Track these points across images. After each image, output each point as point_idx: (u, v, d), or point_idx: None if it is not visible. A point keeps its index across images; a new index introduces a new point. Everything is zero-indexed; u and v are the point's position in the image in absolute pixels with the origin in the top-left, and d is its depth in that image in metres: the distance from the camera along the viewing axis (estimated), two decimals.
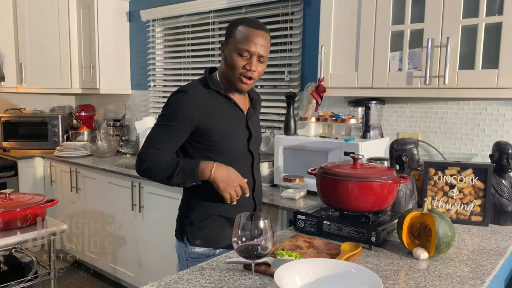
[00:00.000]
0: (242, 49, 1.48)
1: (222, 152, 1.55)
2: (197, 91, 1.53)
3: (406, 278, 1.21)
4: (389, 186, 1.48)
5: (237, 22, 1.53)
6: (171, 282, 1.16)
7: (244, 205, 1.60)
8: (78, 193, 3.41)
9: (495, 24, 1.77)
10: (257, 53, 1.50)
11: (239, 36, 1.48)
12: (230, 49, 1.51)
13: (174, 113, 1.50)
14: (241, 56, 1.49)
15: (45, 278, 1.86)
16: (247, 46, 1.48)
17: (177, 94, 1.53)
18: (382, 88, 2.06)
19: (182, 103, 1.50)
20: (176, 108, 1.51)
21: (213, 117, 1.52)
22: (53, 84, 3.84)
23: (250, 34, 1.48)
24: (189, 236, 1.59)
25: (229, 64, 1.52)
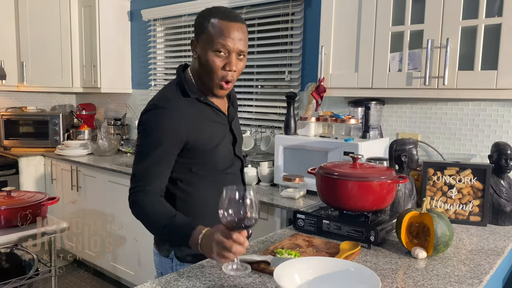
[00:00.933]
0: (218, 46, 1.27)
1: (209, 164, 1.39)
2: (177, 104, 1.33)
3: (405, 277, 1.22)
4: (388, 186, 1.49)
5: (207, 14, 1.30)
6: (171, 280, 1.17)
7: None
8: (79, 192, 3.43)
9: (495, 26, 1.78)
10: (236, 49, 1.28)
11: (213, 31, 1.27)
12: (203, 47, 1.29)
13: (159, 136, 1.29)
14: (218, 54, 1.28)
15: (45, 275, 1.87)
16: (224, 41, 1.26)
17: (155, 112, 1.30)
18: (382, 88, 2.07)
19: (166, 123, 1.29)
20: (159, 129, 1.29)
21: (200, 130, 1.34)
22: (54, 83, 3.86)
23: (225, 27, 1.27)
24: (178, 252, 1.41)
25: (204, 65, 1.31)
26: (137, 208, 1.31)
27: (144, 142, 1.32)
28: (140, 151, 1.33)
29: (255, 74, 3.06)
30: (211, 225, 1.38)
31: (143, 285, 1.14)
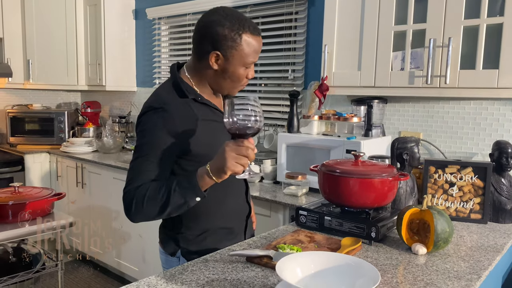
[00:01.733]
0: (249, 62, 1.30)
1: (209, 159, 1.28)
2: (173, 105, 1.30)
3: (405, 272, 1.24)
4: (389, 183, 1.51)
5: (238, 28, 1.26)
6: (176, 273, 1.20)
7: (239, 211, 1.53)
8: (84, 189, 3.46)
9: (496, 25, 1.79)
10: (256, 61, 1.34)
11: (248, 50, 1.28)
12: (233, 62, 1.28)
13: (156, 137, 1.26)
14: (246, 69, 1.32)
15: (52, 270, 1.90)
16: (254, 58, 1.30)
17: (151, 113, 1.28)
18: (385, 87, 2.09)
19: (161, 125, 1.26)
20: (156, 130, 1.26)
21: (198, 130, 1.32)
22: (60, 81, 3.90)
23: (256, 45, 1.30)
24: (185, 252, 1.41)
25: (229, 77, 1.31)
26: (130, 203, 1.24)
27: (141, 143, 1.28)
28: (136, 152, 1.29)
29: (258, 72, 3.08)
30: (215, 226, 1.43)
31: (148, 278, 1.17)
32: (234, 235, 1.50)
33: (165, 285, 1.12)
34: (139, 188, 1.23)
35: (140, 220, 1.27)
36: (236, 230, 1.51)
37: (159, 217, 1.27)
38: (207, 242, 1.42)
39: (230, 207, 1.47)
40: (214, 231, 1.44)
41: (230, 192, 1.47)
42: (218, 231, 1.45)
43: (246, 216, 1.56)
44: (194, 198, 1.21)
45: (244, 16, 1.31)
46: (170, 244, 1.44)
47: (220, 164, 1.14)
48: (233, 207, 1.49)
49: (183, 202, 1.21)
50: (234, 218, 1.51)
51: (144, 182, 1.24)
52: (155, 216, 1.26)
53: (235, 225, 1.51)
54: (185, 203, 1.22)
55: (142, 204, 1.22)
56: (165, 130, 1.26)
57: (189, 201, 1.21)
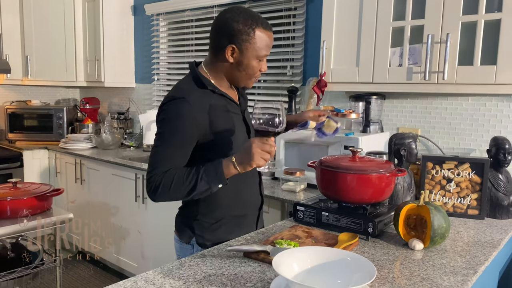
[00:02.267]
0: (262, 55, 1.40)
1: (224, 152, 1.42)
2: (194, 94, 1.39)
3: (401, 267, 1.24)
4: (386, 179, 1.52)
5: (251, 23, 1.36)
6: (173, 268, 1.20)
7: (253, 202, 1.60)
8: (83, 185, 3.47)
9: (494, 21, 1.79)
10: (268, 55, 1.45)
11: (261, 43, 1.38)
12: (248, 55, 1.39)
13: (178, 124, 1.35)
14: (259, 61, 1.42)
15: (50, 265, 1.91)
16: (267, 51, 1.41)
17: (173, 103, 1.37)
18: (383, 83, 2.09)
19: (184, 111, 1.35)
20: (178, 118, 1.35)
21: (218, 120, 1.41)
22: (58, 77, 3.89)
23: (268, 39, 1.40)
24: (200, 239, 1.49)
25: (244, 69, 1.41)
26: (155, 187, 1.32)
27: (164, 131, 1.37)
28: (159, 139, 1.37)
29: None
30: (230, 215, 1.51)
31: (145, 273, 1.17)
32: (246, 226, 1.57)
33: (162, 280, 1.12)
34: (166, 173, 1.32)
35: (163, 201, 1.37)
36: (248, 221, 1.59)
37: (181, 199, 1.40)
38: (221, 231, 1.50)
39: (245, 198, 1.56)
40: (228, 220, 1.52)
41: (246, 184, 1.56)
42: (232, 220, 1.53)
43: (258, 208, 1.63)
44: (217, 185, 1.33)
45: (257, 14, 1.42)
46: (186, 231, 1.52)
47: (247, 158, 1.27)
48: (247, 197, 1.57)
49: (207, 188, 1.33)
50: (248, 208, 1.59)
51: (169, 167, 1.33)
52: (178, 199, 1.39)
53: (248, 216, 1.59)
54: (209, 189, 1.33)
55: (169, 188, 1.32)
56: (186, 118, 1.35)
57: (212, 187, 1.33)
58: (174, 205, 2.78)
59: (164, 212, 2.82)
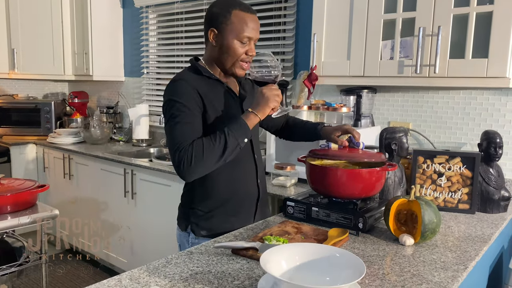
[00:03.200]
0: (243, 36, 1.43)
1: None
2: (191, 78, 1.47)
3: (391, 263, 1.23)
4: (377, 174, 1.50)
5: (226, 5, 1.44)
6: (159, 266, 1.18)
7: (249, 193, 1.59)
8: (71, 180, 3.42)
9: (486, 13, 1.77)
10: (255, 38, 1.47)
11: (238, 23, 1.42)
12: (227, 36, 1.43)
13: (182, 103, 1.40)
14: (242, 43, 1.44)
15: (36, 263, 1.87)
16: (248, 33, 1.43)
17: (172, 85, 1.45)
18: (374, 76, 2.07)
19: (186, 91, 1.42)
20: (181, 96, 1.41)
21: (212, 102, 1.46)
22: (46, 70, 3.82)
23: (247, 19, 1.43)
24: (194, 226, 1.54)
25: (227, 52, 1.45)
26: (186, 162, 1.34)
27: (172, 112, 1.41)
28: (170, 120, 1.41)
29: None
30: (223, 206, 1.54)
31: (130, 271, 1.14)
32: (242, 218, 1.57)
33: (148, 279, 1.10)
34: (192, 144, 1.35)
35: (198, 173, 1.39)
36: (245, 213, 1.59)
37: (217, 165, 1.39)
38: (215, 220, 1.53)
39: (240, 188, 1.56)
40: (222, 210, 1.54)
41: (241, 174, 1.56)
42: (226, 210, 1.54)
43: (256, 200, 1.61)
44: (243, 139, 1.40)
45: (240, 1, 1.48)
46: (183, 219, 1.58)
47: (263, 102, 1.40)
48: (242, 188, 1.57)
49: (237, 144, 1.38)
50: (243, 199, 1.58)
51: (189, 141, 1.37)
52: (213, 164, 1.38)
53: (244, 207, 1.59)
54: (238, 145, 1.39)
55: (202, 155, 1.35)
56: (187, 93, 1.42)
57: (240, 142, 1.39)
58: (162, 200, 2.76)
59: (153, 207, 2.78)
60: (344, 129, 1.59)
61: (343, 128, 1.59)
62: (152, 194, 2.78)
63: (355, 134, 1.56)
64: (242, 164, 1.56)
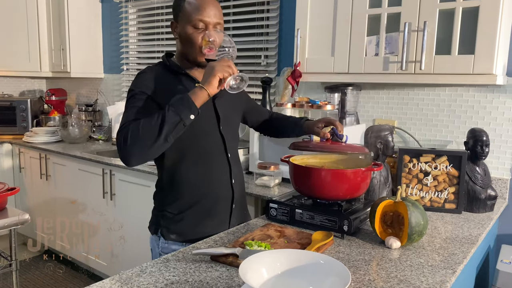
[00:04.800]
0: (195, 20, 1.36)
1: (187, 136, 1.37)
2: (155, 70, 1.44)
3: (377, 268, 1.18)
4: (362, 174, 1.45)
5: None
6: (132, 275, 1.10)
7: (221, 194, 1.50)
8: (48, 181, 3.30)
9: (472, 9, 1.73)
10: (212, 22, 1.37)
11: (190, 8, 1.37)
12: (183, 25, 1.39)
13: (136, 92, 1.38)
14: (197, 28, 1.37)
15: (5, 270, 1.77)
16: (201, 16, 1.36)
17: (135, 77, 1.44)
18: (359, 73, 2.01)
19: (140, 81, 1.40)
20: (136, 87, 1.39)
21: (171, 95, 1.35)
22: (21, 67, 3.69)
23: (200, 4, 1.37)
24: (163, 230, 1.47)
25: (185, 41, 1.40)
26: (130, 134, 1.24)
27: (128, 98, 1.39)
28: (125, 107, 1.38)
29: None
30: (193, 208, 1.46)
31: (101, 281, 1.07)
32: (215, 222, 1.49)
33: None
34: (133, 121, 1.28)
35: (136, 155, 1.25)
36: (219, 216, 1.50)
37: (156, 144, 1.24)
38: (184, 224, 1.46)
39: (211, 189, 1.48)
40: (191, 213, 1.46)
41: (212, 173, 1.48)
42: (196, 214, 1.47)
43: (230, 202, 1.52)
44: (188, 115, 1.23)
45: None
46: (154, 222, 1.51)
47: (209, 72, 1.24)
48: (214, 190, 1.48)
49: (179, 119, 1.23)
50: (215, 203, 1.49)
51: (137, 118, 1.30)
52: (152, 143, 1.23)
53: (216, 211, 1.50)
54: (181, 121, 1.23)
55: (139, 132, 1.23)
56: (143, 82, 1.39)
57: (184, 118, 1.23)
58: (141, 201, 2.67)
59: (133, 208, 2.70)
60: (327, 120, 1.53)
61: (325, 120, 1.54)
62: (131, 194, 2.69)
63: (338, 125, 1.50)
64: (214, 163, 1.48)
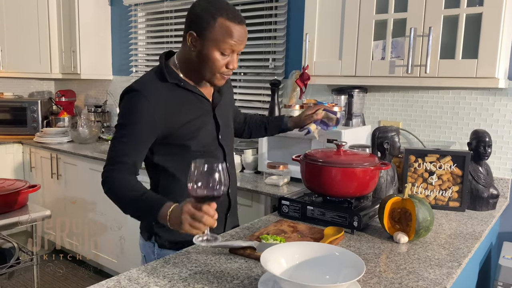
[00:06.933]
0: (225, 47, 1.28)
1: (189, 152, 1.37)
2: (153, 88, 1.32)
3: (387, 261, 1.25)
4: (371, 172, 1.52)
5: (212, 11, 1.27)
6: (157, 266, 1.17)
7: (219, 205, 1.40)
8: (59, 180, 3.37)
9: (476, 15, 1.81)
10: (238, 50, 1.32)
11: (221, 33, 1.26)
12: (207, 44, 1.28)
13: (133, 119, 1.29)
14: (223, 55, 1.30)
15: (27, 264, 1.84)
16: (231, 42, 1.28)
17: (130, 95, 1.31)
18: (365, 76, 2.09)
19: (140, 107, 1.28)
20: (134, 112, 1.29)
21: (178, 116, 1.34)
22: (32, 69, 3.76)
23: (233, 30, 1.27)
24: (157, 237, 1.43)
25: (205, 61, 1.31)
26: (108, 183, 1.30)
27: (120, 125, 1.32)
28: (115, 132, 1.33)
29: (238, 61, 3.03)
30: None
31: (129, 271, 1.14)
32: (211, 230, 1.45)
33: (147, 279, 1.09)
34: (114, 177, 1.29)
35: None
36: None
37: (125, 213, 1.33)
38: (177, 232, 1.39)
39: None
40: None
41: None
42: None
43: (226, 210, 1.52)
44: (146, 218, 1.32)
45: (228, 4, 1.31)
46: (146, 228, 1.48)
47: (177, 222, 1.13)
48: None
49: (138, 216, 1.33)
50: None
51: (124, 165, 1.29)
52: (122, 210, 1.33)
53: None
54: (140, 217, 1.35)
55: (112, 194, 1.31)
56: (142, 114, 1.29)
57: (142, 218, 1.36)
58: None
59: None
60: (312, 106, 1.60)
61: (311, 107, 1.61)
62: None
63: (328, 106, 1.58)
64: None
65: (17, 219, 1.80)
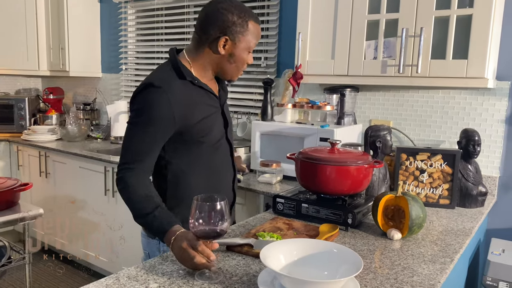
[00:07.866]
0: (252, 47, 1.42)
1: (201, 146, 1.42)
2: (173, 85, 1.33)
3: (382, 257, 1.27)
4: (364, 170, 1.54)
5: (246, 16, 1.36)
6: (155, 263, 1.18)
7: None
8: (48, 178, 3.33)
9: (466, 16, 1.84)
10: None
11: (252, 35, 1.39)
12: (240, 47, 1.38)
13: (153, 116, 1.29)
14: (249, 53, 1.43)
15: (19, 263, 1.83)
16: (255, 44, 1.42)
17: (150, 91, 1.30)
18: (357, 76, 2.11)
19: (161, 105, 1.29)
20: (154, 109, 1.29)
21: (195, 113, 1.37)
22: (19, 65, 3.71)
23: (259, 31, 1.43)
24: None
25: (235, 62, 1.40)
26: (123, 184, 1.30)
27: (138, 121, 1.31)
28: (132, 128, 1.32)
29: None
30: None
31: (127, 269, 1.14)
32: None
33: (146, 277, 1.10)
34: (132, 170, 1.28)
35: None
36: None
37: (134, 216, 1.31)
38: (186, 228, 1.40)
39: None
40: None
41: (219, 181, 1.50)
42: None
43: (230, 205, 1.56)
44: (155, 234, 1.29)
45: (250, 9, 1.42)
46: None
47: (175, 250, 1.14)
48: None
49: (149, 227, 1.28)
50: None
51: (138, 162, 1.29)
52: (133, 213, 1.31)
53: None
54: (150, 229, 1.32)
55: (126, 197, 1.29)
56: (163, 111, 1.29)
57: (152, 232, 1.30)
58: None
59: None
60: None
61: None
62: None
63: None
64: (223, 172, 1.52)
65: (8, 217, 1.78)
